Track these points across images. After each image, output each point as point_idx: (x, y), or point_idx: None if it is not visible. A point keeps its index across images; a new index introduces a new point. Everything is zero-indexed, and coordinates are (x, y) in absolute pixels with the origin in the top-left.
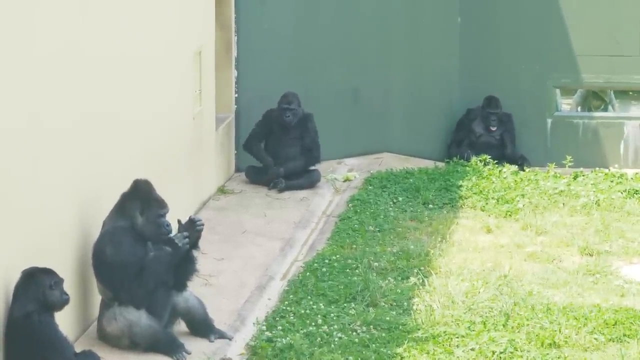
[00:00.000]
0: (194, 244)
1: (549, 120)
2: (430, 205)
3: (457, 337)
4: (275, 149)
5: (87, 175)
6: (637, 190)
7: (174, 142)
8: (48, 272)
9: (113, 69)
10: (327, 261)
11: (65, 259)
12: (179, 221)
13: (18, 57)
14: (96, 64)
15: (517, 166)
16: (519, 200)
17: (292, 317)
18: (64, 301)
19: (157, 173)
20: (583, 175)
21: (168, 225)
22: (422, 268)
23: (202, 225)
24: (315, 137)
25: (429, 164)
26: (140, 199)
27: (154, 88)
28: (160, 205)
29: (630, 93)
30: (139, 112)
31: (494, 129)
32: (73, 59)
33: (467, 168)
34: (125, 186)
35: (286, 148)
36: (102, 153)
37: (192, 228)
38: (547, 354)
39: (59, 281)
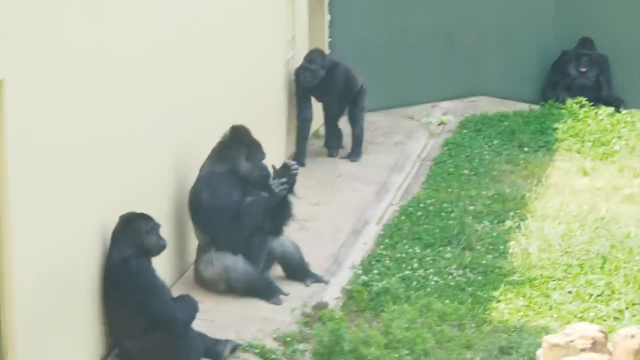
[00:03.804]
0: (290, 189)
1: None
2: (526, 148)
3: (554, 280)
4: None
5: (184, 122)
6: None
7: (267, 87)
8: (145, 218)
9: (210, 19)
10: (422, 205)
11: (161, 205)
12: (273, 167)
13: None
14: (193, 14)
15: (613, 108)
16: (615, 143)
17: (387, 261)
18: (160, 246)
19: (251, 119)
20: None
21: (268, 169)
22: (518, 211)
23: (297, 169)
24: (334, 91)
25: (524, 106)
26: (245, 144)
27: (248, 35)
28: (262, 150)
29: None
30: (234, 60)
31: (583, 69)
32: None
33: (563, 110)
34: (219, 133)
35: (329, 109)
36: (199, 101)
37: (287, 173)
38: None
39: (156, 226)
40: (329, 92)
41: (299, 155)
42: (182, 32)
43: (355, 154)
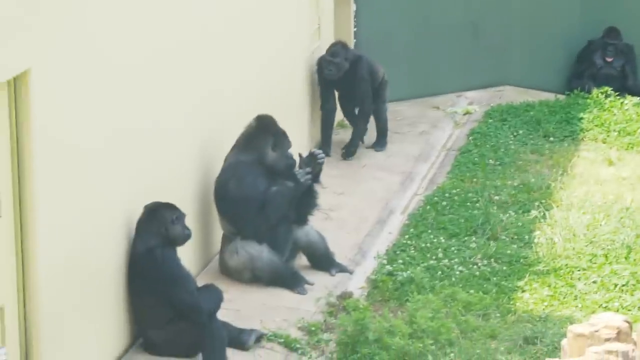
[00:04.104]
0: (316, 178)
1: None
2: (551, 138)
3: (579, 270)
4: (343, 106)
5: (207, 113)
6: None
7: (291, 78)
8: (170, 207)
9: (233, 11)
10: (447, 195)
11: (186, 195)
12: (300, 155)
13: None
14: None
15: (638, 98)
16: None
17: (412, 251)
18: (185, 236)
19: (274, 109)
20: None
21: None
22: (543, 201)
23: (323, 158)
24: (365, 85)
25: (549, 96)
26: (272, 133)
27: (271, 27)
28: (289, 139)
29: None
30: (257, 51)
31: (609, 59)
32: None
33: (588, 100)
34: (243, 123)
35: (349, 102)
36: (222, 92)
37: (314, 162)
38: None
39: (181, 216)
40: (353, 86)
41: (324, 146)
42: (204, 24)
43: (380, 143)
